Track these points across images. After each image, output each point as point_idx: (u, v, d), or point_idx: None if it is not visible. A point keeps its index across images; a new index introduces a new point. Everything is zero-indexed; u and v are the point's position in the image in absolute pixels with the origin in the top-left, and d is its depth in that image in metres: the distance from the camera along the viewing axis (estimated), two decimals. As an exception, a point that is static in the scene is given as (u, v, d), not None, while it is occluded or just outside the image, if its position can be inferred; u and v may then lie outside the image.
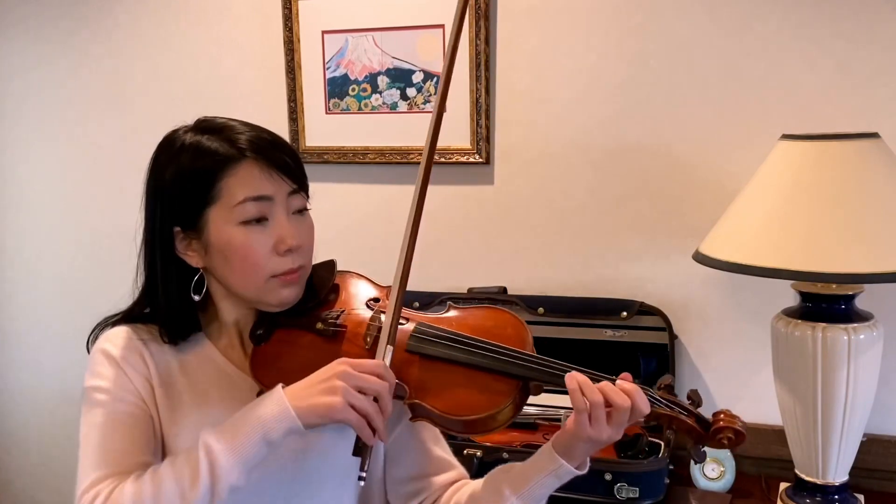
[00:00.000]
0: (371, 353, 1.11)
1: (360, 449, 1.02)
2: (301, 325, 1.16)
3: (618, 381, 1.09)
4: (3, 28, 2.51)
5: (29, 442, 2.74)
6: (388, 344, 1.08)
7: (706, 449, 1.12)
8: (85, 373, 1.14)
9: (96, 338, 1.18)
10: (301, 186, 1.14)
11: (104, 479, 1.03)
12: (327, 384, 1.00)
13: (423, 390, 1.09)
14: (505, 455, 1.69)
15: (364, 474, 1.01)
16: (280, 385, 1.02)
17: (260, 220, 1.09)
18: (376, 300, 1.21)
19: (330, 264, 1.23)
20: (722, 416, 1.11)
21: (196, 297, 1.15)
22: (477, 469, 1.71)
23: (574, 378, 1.07)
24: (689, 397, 1.14)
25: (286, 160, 1.11)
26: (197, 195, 1.09)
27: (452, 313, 1.21)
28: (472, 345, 1.12)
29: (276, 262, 1.10)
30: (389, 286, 1.23)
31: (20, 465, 2.77)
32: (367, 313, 1.18)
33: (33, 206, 2.60)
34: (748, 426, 1.14)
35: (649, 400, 1.09)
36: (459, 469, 1.24)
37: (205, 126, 1.14)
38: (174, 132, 1.16)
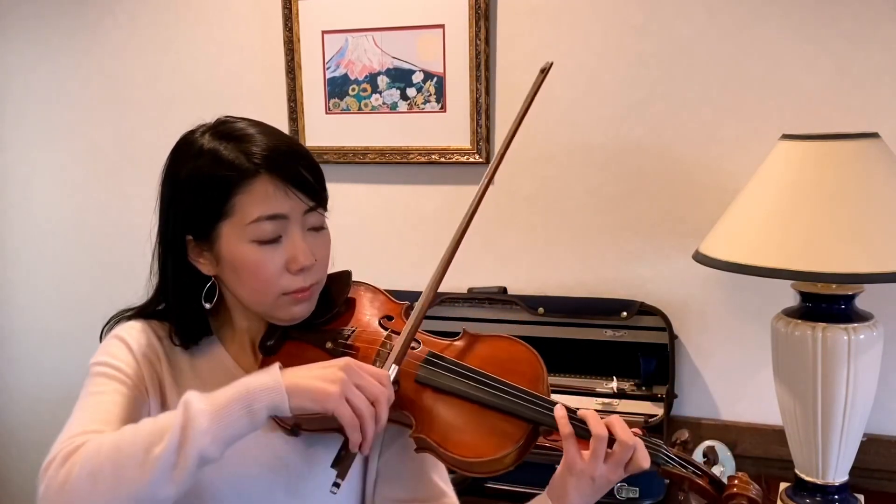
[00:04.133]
0: None
1: (342, 457, 0.97)
2: (312, 340, 1.14)
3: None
4: (3, 28, 2.51)
5: (29, 442, 2.74)
6: (394, 363, 1.05)
7: None
8: (94, 354, 1.12)
9: (111, 329, 1.17)
10: (319, 202, 1.10)
11: (86, 433, 0.98)
12: (328, 372, 0.96)
13: (429, 425, 1.05)
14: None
15: (340, 482, 0.97)
16: (278, 363, 0.99)
17: (273, 238, 1.06)
18: (390, 318, 1.18)
19: (345, 276, 1.20)
20: (737, 481, 1.07)
21: (207, 305, 1.13)
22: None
23: (583, 411, 1.05)
24: (704, 454, 1.12)
25: (304, 175, 1.07)
26: (210, 207, 1.06)
27: (465, 342, 1.15)
28: (484, 382, 1.07)
29: (287, 280, 1.08)
30: (404, 303, 1.20)
31: (20, 465, 2.77)
32: (380, 333, 1.15)
33: (33, 206, 2.60)
34: (748, 426, 1.12)
35: (663, 458, 1.06)
36: (453, 499, 1.19)
37: (223, 131, 1.09)
38: (192, 133, 1.12)
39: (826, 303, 1.56)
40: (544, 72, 1.13)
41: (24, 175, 2.59)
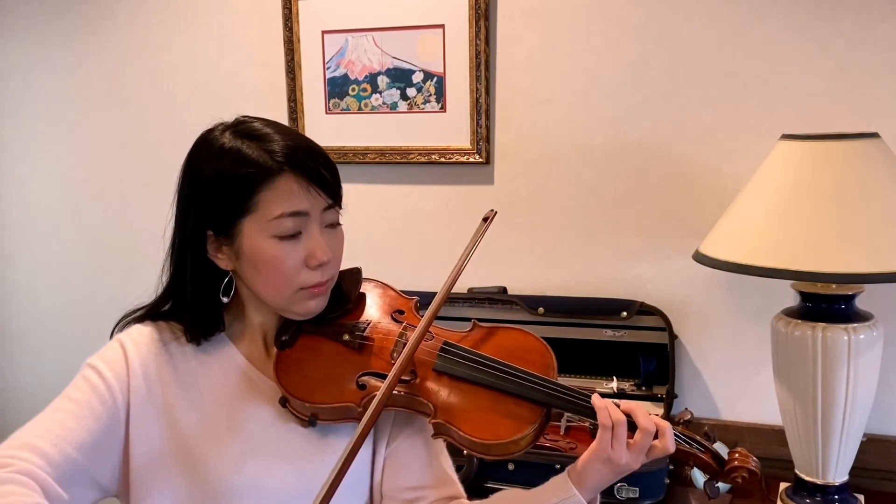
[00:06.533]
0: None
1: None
2: (327, 333, 1.17)
3: (652, 416, 1.09)
4: (3, 28, 2.51)
5: (29, 442, 2.74)
6: (409, 349, 1.08)
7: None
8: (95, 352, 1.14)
9: (121, 330, 1.18)
10: (336, 200, 1.14)
11: (33, 451, 1.00)
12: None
13: (449, 411, 1.09)
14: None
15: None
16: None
17: (294, 234, 1.09)
18: (401, 312, 1.21)
19: (356, 273, 1.23)
20: (737, 455, 1.13)
21: (225, 300, 1.15)
22: (477, 469, 1.72)
23: (600, 398, 1.09)
24: (705, 433, 1.16)
25: (323, 173, 1.10)
26: (233, 204, 1.08)
27: (478, 333, 1.20)
28: (499, 369, 1.12)
29: (305, 275, 1.11)
30: (413, 297, 1.24)
31: (20, 465, 2.77)
32: (394, 326, 1.19)
33: (33, 206, 2.60)
34: (748, 426, 1.14)
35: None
36: (459, 487, 1.22)
37: (243, 130, 1.12)
38: (211, 132, 1.14)
39: (826, 303, 1.56)
40: (487, 220, 1.17)
41: (24, 175, 2.59)
